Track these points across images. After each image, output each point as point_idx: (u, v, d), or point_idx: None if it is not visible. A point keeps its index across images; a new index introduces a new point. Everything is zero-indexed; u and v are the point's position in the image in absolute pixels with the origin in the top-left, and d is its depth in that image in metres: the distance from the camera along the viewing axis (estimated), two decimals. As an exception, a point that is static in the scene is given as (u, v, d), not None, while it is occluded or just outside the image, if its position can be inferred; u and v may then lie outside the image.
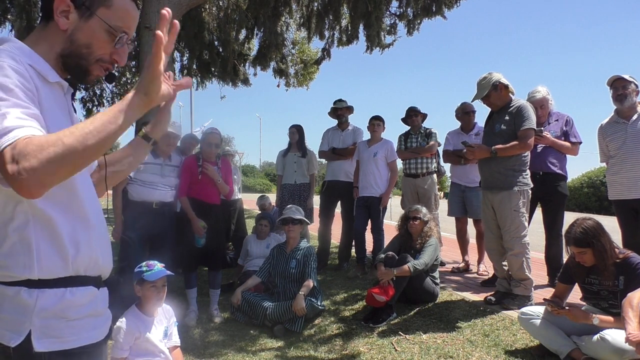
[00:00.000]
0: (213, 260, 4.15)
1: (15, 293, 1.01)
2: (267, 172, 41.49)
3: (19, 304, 1.01)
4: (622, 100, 3.65)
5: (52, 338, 1.04)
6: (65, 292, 1.06)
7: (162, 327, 2.66)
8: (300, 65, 9.62)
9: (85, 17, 1.08)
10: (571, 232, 2.73)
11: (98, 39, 1.09)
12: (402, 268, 3.69)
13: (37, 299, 1.02)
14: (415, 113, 5.30)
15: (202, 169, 3.95)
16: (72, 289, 1.08)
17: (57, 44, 1.08)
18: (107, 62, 1.13)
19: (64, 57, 1.09)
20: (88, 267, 1.11)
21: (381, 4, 6.73)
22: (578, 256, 2.72)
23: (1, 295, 1.02)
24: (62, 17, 1.06)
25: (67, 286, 1.07)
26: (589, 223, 2.70)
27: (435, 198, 5.25)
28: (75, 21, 1.07)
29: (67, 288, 1.07)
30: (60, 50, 1.09)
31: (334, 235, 5.77)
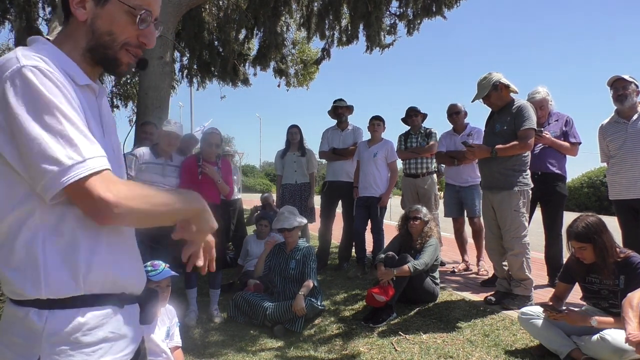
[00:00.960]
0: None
1: (25, 314, 0.93)
2: (267, 172, 41.51)
3: (28, 327, 0.93)
4: (623, 101, 3.65)
5: None
6: (77, 314, 0.96)
7: (164, 327, 2.67)
8: (300, 65, 9.61)
9: (101, 3, 1.02)
10: (573, 226, 2.74)
11: (119, 23, 1.03)
12: (402, 268, 3.69)
13: (47, 321, 0.93)
14: (415, 113, 5.30)
15: (202, 169, 3.95)
16: (84, 310, 0.97)
17: (80, 39, 1.03)
18: (134, 46, 1.07)
19: (91, 50, 1.04)
20: (105, 285, 1.01)
21: (381, 4, 6.73)
22: (578, 252, 2.72)
23: (12, 317, 0.95)
24: (79, 8, 1.01)
25: (79, 307, 0.97)
26: (592, 219, 2.72)
27: (435, 198, 5.26)
28: (92, 9, 1.01)
29: (79, 309, 0.96)
30: (85, 44, 1.03)
31: (334, 235, 5.77)
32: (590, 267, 2.77)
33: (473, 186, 4.96)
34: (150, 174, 3.77)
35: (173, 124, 3.87)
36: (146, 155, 3.80)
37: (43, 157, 0.86)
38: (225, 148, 8.84)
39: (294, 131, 5.60)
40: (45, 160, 0.86)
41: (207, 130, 4.20)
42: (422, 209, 4.17)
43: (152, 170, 3.78)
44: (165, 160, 3.86)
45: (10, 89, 0.87)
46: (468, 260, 5.18)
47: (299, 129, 5.64)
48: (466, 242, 5.25)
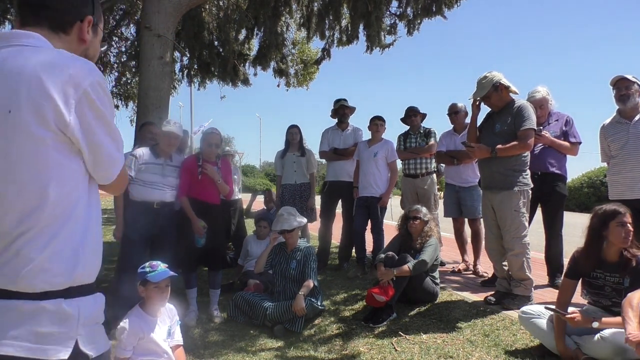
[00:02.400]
0: (213, 260, 4.15)
1: (56, 306, 1.01)
2: (267, 172, 41.46)
3: (62, 317, 1.01)
4: (625, 101, 3.63)
5: (93, 344, 1.07)
6: (95, 298, 1.11)
7: (165, 327, 2.67)
8: (300, 65, 9.60)
9: (94, 32, 1.22)
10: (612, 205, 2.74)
11: (97, 49, 1.26)
12: (401, 268, 3.69)
13: (79, 308, 1.04)
14: (414, 113, 5.30)
15: (202, 169, 3.94)
16: (97, 295, 1.13)
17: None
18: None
19: None
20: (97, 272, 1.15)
21: (381, 4, 6.72)
22: (626, 227, 2.63)
23: (39, 312, 0.99)
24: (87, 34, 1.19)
25: (94, 292, 1.12)
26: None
27: (435, 198, 5.25)
28: (91, 36, 1.21)
29: (95, 294, 1.12)
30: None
31: (334, 235, 5.77)
32: (599, 261, 2.74)
33: (473, 187, 4.96)
34: (150, 174, 3.77)
35: (172, 124, 3.86)
36: (146, 156, 3.80)
37: (117, 148, 1.14)
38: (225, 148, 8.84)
39: (294, 131, 5.60)
40: (118, 149, 1.15)
41: (207, 130, 4.20)
42: (422, 209, 4.17)
43: (151, 170, 3.78)
44: (165, 160, 3.86)
45: (95, 93, 1.06)
46: (468, 260, 5.18)
47: (298, 129, 5.64)
48: (466, 242, 5.25)
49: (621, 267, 2.67)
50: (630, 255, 2.66)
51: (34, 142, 1.00)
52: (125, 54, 8.99)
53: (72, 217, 1.05)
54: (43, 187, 1.01)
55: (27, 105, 0.99)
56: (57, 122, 1.01)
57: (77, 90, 1.03)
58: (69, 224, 1.04)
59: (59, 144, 1.03)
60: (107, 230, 7.24)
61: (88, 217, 1.09)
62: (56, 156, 1.03)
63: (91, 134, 1.06)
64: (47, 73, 1.01)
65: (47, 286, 1.00)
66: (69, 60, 1.06)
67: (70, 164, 1.06)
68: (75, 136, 1.04)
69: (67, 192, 1.04)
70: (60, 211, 1.03)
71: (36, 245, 0.99)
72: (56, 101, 1.00)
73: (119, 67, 9.42)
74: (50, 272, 1.00)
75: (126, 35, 8.81)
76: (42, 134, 1.00)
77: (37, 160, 1.01)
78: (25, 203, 1.00)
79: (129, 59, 8.80)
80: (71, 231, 1.04)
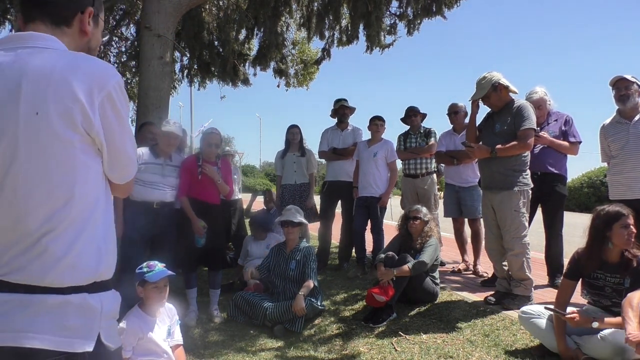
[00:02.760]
0: (213, 260, 4.15)
1: (82, 300, 1.04)
2: (267, 172, 41.46)
3: (87, 310, 1.05)
4: (625, 101, 3.62)
5: (113, 337, 1.10)
6: (115, 294, 1.16)
7: (165, 326, 2.67)
8: (300, 65, 9.59)
9: (95, 23, 1.22)
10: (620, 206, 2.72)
11: (99, 39, 1.26)
12: (401, 268, 3.69)
13: (102, 302, 1.08)
14: (414, 113, 5.29)
15: (202, 169, 3.94)
16: (115, 291, 1.16)
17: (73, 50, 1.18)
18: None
19: None
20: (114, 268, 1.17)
21: (381, 4, 6.71)
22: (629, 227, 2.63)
23: (64, 305, 1.02)
24: (88, 26, 1.19)
25: (113, 288, 1.15)
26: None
27: (435, 198, 5.25)
28: (92, 27, 1.21)
29: (113, 289, 1.16)
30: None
31: (334, 235, 5.77)
32: (601, 262, 2.74)
33: (473, 187, 4.95)
34: (150, 174, 3.77)
35: (172, 124, 3.86)
36: (145, 155, 3.80)
37: (134, 149, 1.19)
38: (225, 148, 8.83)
39: (294, 131, 5.59)
40: (134, 152, 1.19)
41: (207, 130, 4.20)
42: (422, 209, 4.16)
43: (151, 170, 3.78)
44: (165, 160, 3.86)
45: (117, 95, 1.10)
46: (468, 260, 5.18)
47: (299, 129, 5.63)
48: (466, 242, 5.25)
49: (622, 267, 2.66)
50: (631, 256, 2.65)
51: (63, 144, 1.03)
52: (125, 54, 8.99)
53: (94, 216, 1.08)
54: (70, 187, 1.04)
55: (55, 108, 1.02)
56: (83, 123, 1.04)
57: (100, 92, 1.06)
58: (91, 222, 1.07)
59: (86, 145, 1.07)
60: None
61: (107, 214, 1.13)
62: (83, 157, 1.06)
63: (112, 134, 1.10)
64: (73, 74, 1.04)
65: (75, 281, 1.03)
66: (92, 62, 1.09)
67: (94, 164, 1.10)
68: (99, 137, 1.08)
69: (89, 191, 1.08)
70: (84, 210, 1.06)
71: (62, 243, 1.02)
72: (83, 103, 1.03)
73: (119, 67, 9.39)
74: (76, 268, 1.03)
75: (126, 35, 8.80)
76: (70, 136, 1.03)
77: (66, 162, 1.04)
78: (54, 203, 1.03)
79: (129, 59, 8.79)
80: (94, 229, 1.07)
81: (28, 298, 0.99)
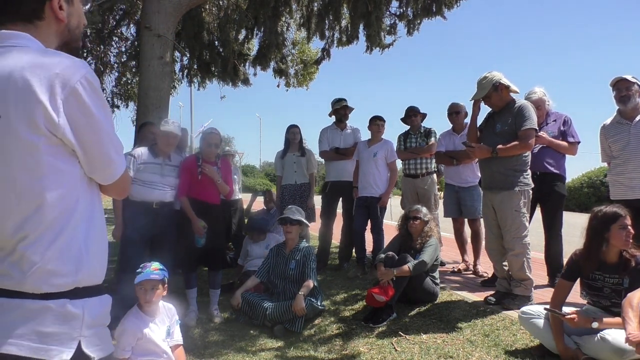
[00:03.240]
0: (213, 260, 4.15)
1: (61, 306, 1.00)
2: (267, 172, 41.49)
3: (67, 317, 1.00)
4: (626, 102, 3.62)
5: (97, 346, 1.05)
6: (102, 300, 1.10)
7: (164, 326, 2.67)
8: (300, 65, 9.60)
9: (68, 3, 1.14)
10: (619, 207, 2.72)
11: (80, 15, 1.18)
12: (401, 268, 3.69)
13: (84, 308, 1.03)
14: (414, 113, 5.29)
15: (202, 169, 3.94)
16: (104, 297, 1.12)
17: (54, 37, 1.13)
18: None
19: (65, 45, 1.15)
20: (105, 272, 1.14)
21: (381, 4, 6.71)
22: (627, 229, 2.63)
23: (43, 311, 0.99)
24: (60, 11, 1.11)
25: (102, 293, 1.11)
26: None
27: (435, 198, 5.24)
28: (67, 9, 1.13)
29: (102, 295, 1.11)
30: (59, 41, 1.15)
31: (334, 235, 5.77)
32: (599, 263, 2.74)
33: (473, 187, 4.95)
34: (149, 173, 3.77)
35: (171, 123, 3.86)
36: (144, 155, 3.80)
37: (114, 149, 1.10)
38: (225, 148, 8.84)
39: (294, 131, 5.58)
40: (114, 151, 1.10)
41: (207, 130, 4.20)
42: (422, 209, 4.16)
43: (150, 170, 3.78)
44: (164, 160, 3.86)
45: (84, 91, 1.02)
46: (468, 260, 5.18)
47: (299, 129, 5.63)
48: (466, 242, 5.25)
49: (620, 268, 2.66)
50: (630, 256, 2.65)
51: (27, 148, 0.98)
52: (125, 54, 8.99)
53: (72, 219, 1.03)
54: (40, 192, 1.00)
55: (16, 110, 0.97)
56: (47, 124, 0.98)
57: (64, 89, 0.99)
58: (69, 226, 1.03)
59: (52, 147, 1.00)
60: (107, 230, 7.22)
61: (90, 217, 1.08)
62: (50, 160, 1.00)
63: (83, 134, 1.03)
64: (33, 74, 0.97)
65: (52, 288, 0.99)
66: (55, 58, 1.02)
67: (66, 166, 1.03)
68: (67, 137, 1.01)
69: (64, 194, 1.03)
70: (59, 214, 1.01)
71: (38, 248, 0.99)
72: (44, 103, 0.97)
73: (119, 67, 9.42)
74: (54, 274, 0.99)
75: (126, 35, 8.80)
76: (33, 139, 0.98)
77: (33, 167, 0.99)
78: (24, 209, 0.99)
79: (129, 59, 8.80)
80: (72, 233, 1.03)
81: (7, 302, 0.97)
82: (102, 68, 8.97)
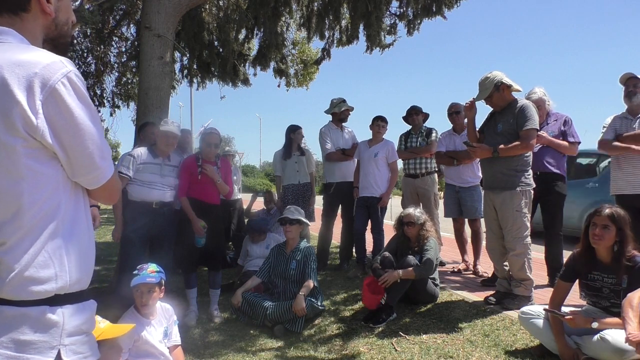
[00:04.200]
0: (213, 260, 4.15)
1: (40, 313, 0.97)
2: (267, 172, 41.45)
3: (46, 325, 0.97)
4: (632, 98, 3.74)
5: (78, 355, 1.02)
6: (84, 306, 1.06)
7: (161, 328, 2.66)
8: (300, 65, 9.60)
9: None
10: (603, 207, 2.73)
11: (69, 10, 1.14)
12: (408, 271, 3.67)
13: (64, 316, 1.00)
14: (416, 112, 5.28)
15: (202, 169, 3.94)
16: (87, 303, 1.08)
17: (39, 32, 1.09)
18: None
19: (50, 41, 1.11)
20: (90, 278, 1.11)
21: (381, 4, 6.71)
22: (599, 230, 2.65)
23: (21, 318, 0.96)
24: (47, 4, 1.07)
25: (86, 300, 1.07)
26: (624, 211, 2.73)
27: (435, 198, 5.23)
28: (54, 2, 1.09)
29: (86, 302, 1.07)
30: (43, 36, 1.10)
31: (334, 235, 5.76)
32: (595, 263, 2.75)
33: (473, 187, 4.95)
34: (148, 174, 3.77)
35: (170, 123, 3.86)
36: (144, 155, 3.80)
37: (99, 153, 1.04)
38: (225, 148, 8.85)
39: (300, 132, 5.53)
40: (99, 155, 1.04)
41: (207, 130, 4.20)
42: (415, 212, 4.02)
43: (150, 170, 3.78)
44: (163, 160, 3.86)
45: (64, 91, 0.97)
46: (468, 260, 5.17)
47: (302, 130, 5.61)
48: (466, 242, 5.24)
49: (616, 267, 2.66)
50: (621, 255, 2.65)
51: (4, 150, 0.94)
52: (125, 54, 8.99)
53: (53, 225, 0.99)
54: (17, 197, 0.96)
55: None
56: (25, 126, 0.94)
57: (43, 89, 0.94)
58: (49, 232, 0.99)
59: (31, 149, 0.96)
60: (107, 230, 7.24)
61: (74, 223, 1.04)
62: (29, 163, 0.96)
63: (63, 136, 0.98)
64: (11, 73, 0.93)
65: (31, 295, 0.96)
66: (36, 56, 0.97)
67: (46, 169, 0.99)
68: (46, 140, 0.96)
69: (44, 199, 0.98)
70: (38, 219, 0.98)
71: (16, 255, 0.96)
72: (22, 104, 0.93)
73: (119, 67, 9.42)
74: (33, 280, 0.96)
75: (126, 35, 8.80)
76: (11, 141, 0.94)
77: (10, 170, 0.95)
78: (1, 214, 0.96)
79: (129, 59, 8.80)
80: (53, 239, 0.99)
81: None
82: (102, 68, 8.97)
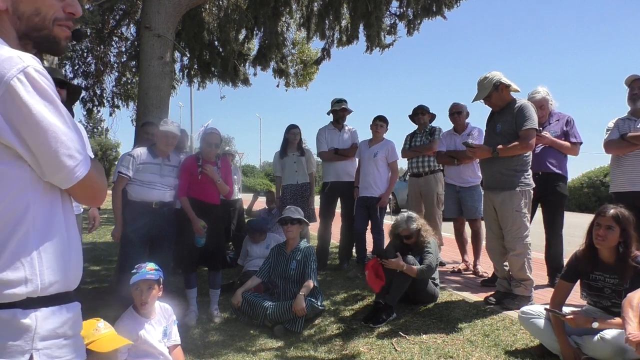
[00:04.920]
0: (213, 260, 4.15)
1: (11, 316, 0.93)
2: (267, 172, 41.44)
3: (17, 328, 0.94)
4: (636, 100, 3.76)
5: (54, 359, 0.98)
6: (62, 310, 1.01)
7: (161, 327, 2.66)
8: (300, 65, 9.60)
9: None
10: (608, 206, 2.73)
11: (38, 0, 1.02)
12: (411, 267, 3.67)
13: (37, 319, 0.96)
14: (422, 111, 5.29)
15: (202, 169, 3.94)
16: (68, 306, 1.03)
17: (8, 29, 1.01)
18: (64, 19, 1.06)
19: (25, 37, 1.04)
20: (75, 279, 1.07)
21: (381, 4, 6.71)
22: (603, 231, 2.65)
23: None
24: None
25: (64, 302, 1.02)
26: (628, 211, 2.72)
27: (438, 197, 5.22)
28: None
29: (66, 305, 1.03)
30: (17, 32, 1.02)
31: (334, 235, 5.77)
32: (597, 263, 2.74)
33: (473, 187, 4.95)
34: (148, 173, 3.77)
35: (170, 123, 3.86)
36: (143, 155, 3.80)
37: (64, 151, 0.97)
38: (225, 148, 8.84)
39: (295, 132, 5.55)
40: (65, 154, 0.97)
41: (207, 130, 4.20)
42: (407, 223, 3.90)
43: (149, 170, 3.78)
44: (163, 160, 3.86)
45: (21, 87, 0.91)
46: (468, 260, 5.17)
47: (299, 130, 5.62)
48: (466, 243, 5.24)
49: (619, 268, 2.66)
50: (627, 255, 2.64)
51: None
52: (125, 54, 9.00)
53: (22, 227, 0.95)
54: None
55: None
56: None
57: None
58: (18, 234, 0.95)
59: None
60: (107, 230, 7.24)
61: (48, 224, 0.99)
62: None
63: (22, 135, 0.93)
64: None
65: (1, 298, 0.93)
66: None
67: (10, 170, 0.94)
68: (6, 139, 0.91)
69: (10, 200, 0.94)
70: (4, 222, 0.94)
71: None
72: None
73: (119, 67, 9.42)
74: (1, 284, 0.93)
75: (126, 35, 8.81)
76: None
77: None
78: None
79: (129, 59, 8.80)
80: (23, 241, 0.95)
81: None
82: (102, 68, 8.98)
